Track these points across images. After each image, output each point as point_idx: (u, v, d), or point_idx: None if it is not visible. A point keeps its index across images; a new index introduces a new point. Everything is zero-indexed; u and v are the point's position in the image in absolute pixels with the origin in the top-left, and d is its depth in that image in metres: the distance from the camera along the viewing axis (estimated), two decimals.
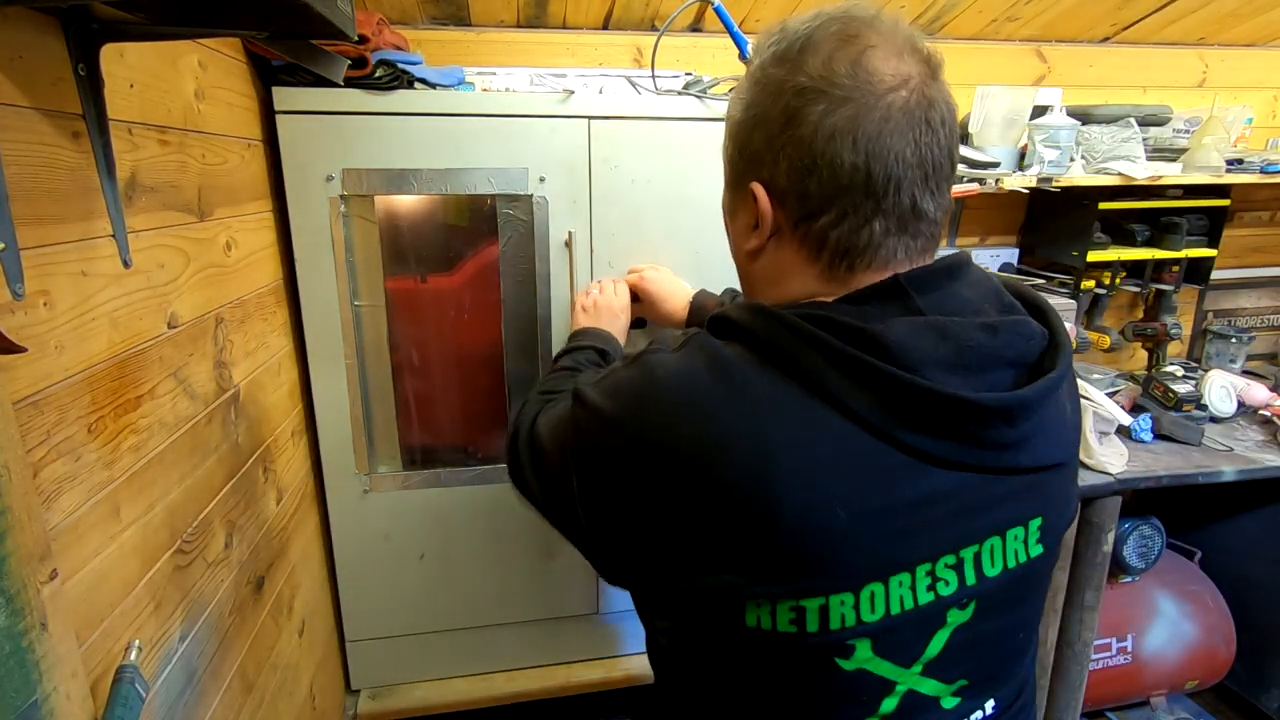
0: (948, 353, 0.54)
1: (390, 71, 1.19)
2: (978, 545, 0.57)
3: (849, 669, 0.56)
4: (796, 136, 0.56)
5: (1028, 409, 0.55)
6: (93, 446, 0.67)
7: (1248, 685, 2.03)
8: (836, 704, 0.58)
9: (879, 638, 0.56)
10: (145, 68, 0.79)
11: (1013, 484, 0.58)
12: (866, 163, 0.55)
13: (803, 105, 0.56)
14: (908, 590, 0.55)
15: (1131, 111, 1.74)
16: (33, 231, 0.60)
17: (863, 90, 0.54)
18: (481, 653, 1.53)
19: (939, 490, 0.55)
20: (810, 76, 0.56)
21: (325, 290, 1.26)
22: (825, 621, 0.54)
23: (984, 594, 0.58)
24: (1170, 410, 1.77)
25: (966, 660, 0.60)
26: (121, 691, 0.64)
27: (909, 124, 0.55)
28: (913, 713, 0.60)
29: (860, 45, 0.55)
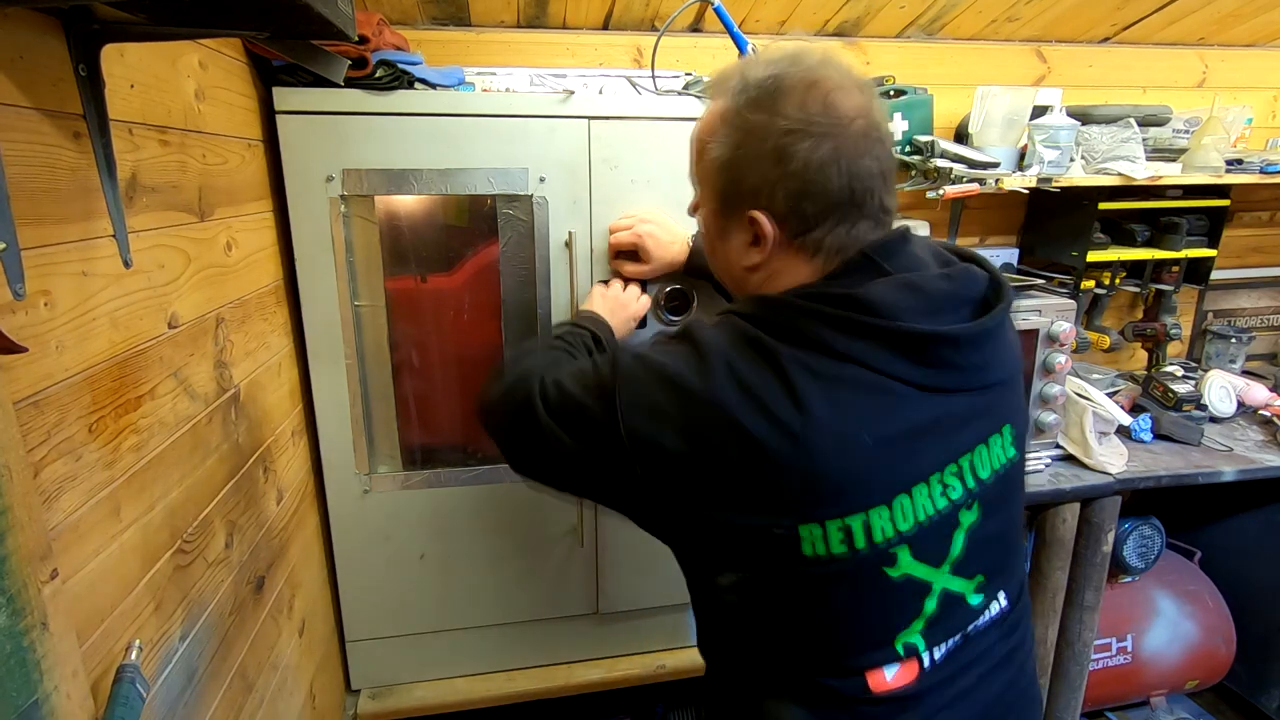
0: (918, 301, 0.67)
1: (390, 72, 1.19)
2: (970, 453, 0.70)
3: (896, 577, 0.67)
4: (790, 170, 0.68)
5: (988, 335, 0.70)
6: (93, 446, 0.67)
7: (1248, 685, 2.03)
8: (892, 610, 0.69)
9: (915, 544, 0.67)
10: (146, 68, 0.79)
11: (984, 398, 0.71)
12: (849, 183, 0.68)
13: (791, 144, 0.67)
14: (927, 499, 0.67)
15: (1131, 111, 1.74)
16: (33, 231, 0.60)
17: (837, 126, 0.67)
18: (481, 653, 1.53)
19: (935, 410, 0.67)
20: (791, 119, 0.67)
21: (325, 290, 1.26)
22: (870, 536, 0.65)
23: (984, 495, 0.71)
24: (1170, 410, 1.77)
25: (981, 558, 0.72)
26: (122, 691, 0.64)
27: (869, 145, 0.68)
28: (949, 610, 0.71)
29: (825, 88, 0.68)
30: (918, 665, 0.70)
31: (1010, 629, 0.76)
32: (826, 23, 1.75)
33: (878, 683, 0.69)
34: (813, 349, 0.65)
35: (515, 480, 1.42)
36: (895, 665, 0.69)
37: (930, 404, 0.67)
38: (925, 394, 0.67)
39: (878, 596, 0.68)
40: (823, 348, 0.65)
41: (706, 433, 0.65)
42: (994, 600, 0.74)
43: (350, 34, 0.70)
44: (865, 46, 1.84)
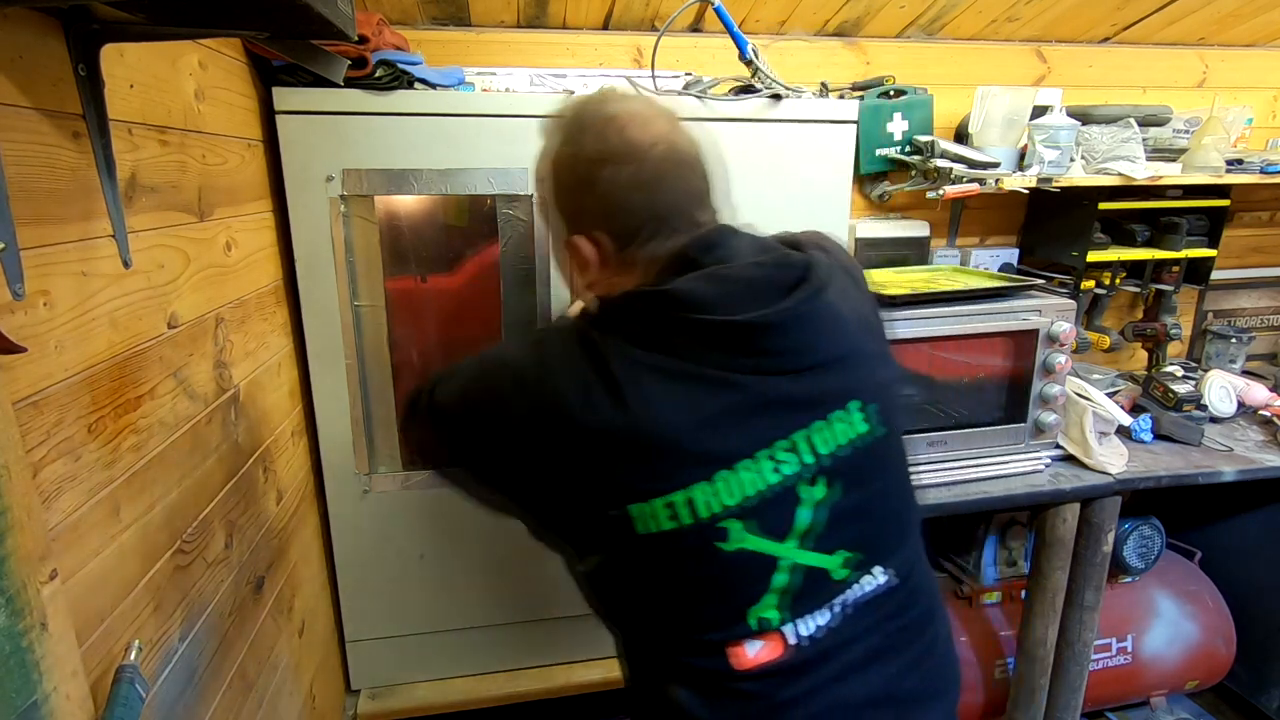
0: (725, 290, 0.71)
1: (390, 72, 1.19)
2: (806, 430, 0.73)
3: (730, 550, 0.71)
4: (597, 194, 0.76)
5: (800, 318, 0.72)
6: (93, 446, 0.67)
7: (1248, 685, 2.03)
8: (736, 584, 0.72)
9: (744, 517, 0.71)
10: (145, 68, 0.79)
11: (817, 377, 0.74)
12: (652, 203, 0.75)
13: (594, 172, 0.75)
14: (754, 474, 0.71)
15: (1131, 111, 1.74)
16: (33, 231, 0.60)
17: (632, 154, 0.74)
18: (481, 653, 1.53)
19: (755, 392, 0.71)
20: (593, 151, 0.75)
21: (325, 290, 1.26)
22: (694, 511, 0.70)
23: (829, 470, 0.73)
24: (1170, 410, 1.77)
25: (842, 533, 0.74)
26: (121, 691, 0.64)
27: (670, 167, 0.76)
28: (806, 584, 0.73)
29: (621, 121, 0.75)
30: (781, 641, 0.73)
31: (903, 605, 0.77)
32: (826, 23, 1.75)
33: (740, 660, 0.72)
34: (631, 342, 0.72)
35: None
36: (757, 642, 0.72)
37: (749, 386, 0.71)
38: (743, 377, 0.71)
39: (717, 571, 0.72)
40: (639, 340, 0.72)
41: (539, 422, 0.73)
42: (868, 575, 0.75)
43: (350, 34, 0.70)
44: (865, 46, 1.84)
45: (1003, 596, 1.85)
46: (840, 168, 1.38)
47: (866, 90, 1.76)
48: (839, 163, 1.38)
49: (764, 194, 1.35)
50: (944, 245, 2.00)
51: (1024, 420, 1.57)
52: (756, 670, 0.72)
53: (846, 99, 1.51)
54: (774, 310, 0.71)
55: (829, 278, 0.76)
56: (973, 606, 1.84)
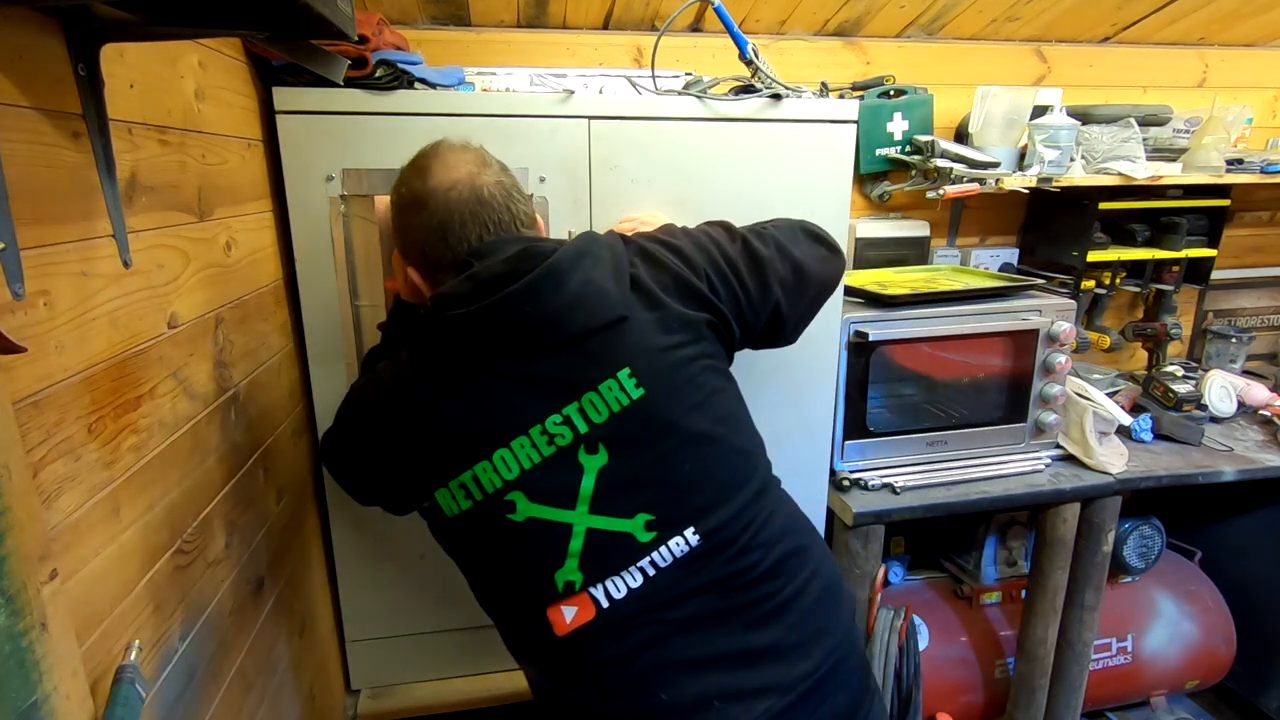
0: (472, 286, 0.79)
1: (390, 71, 1.19)
2: (577, 402, 0.78)
3: (520, 520, 0.78)
4: (411, 236, 0.87)
5: (531, 293, 0.77)
6: (93, 446, 0.67)
7: (1248, 685, 2.03)
8: (535, 551, 0.79)
9: (527, 489, 0.78)
10: (145, 68, 0.79)
11: (580, 351, 0.79)
12: (444, 238, 0.84)
13: (402, 212, 0.88)
14: (530, 448, 0.78)
15: (1131, 111, 1.74)
16: (33, 231, 0.60)
17: (431, 197, 0.84)
18: (481, 653, 1.53)
19: (520, 373, 0.79)
20: (403, 195, 0.87)
21: (325, 290, 1.26)
22: (481, 487, 0.79)
23: (606, 438, 0.78)
24: (1170, 410, 1.77)
25: (637, 495, 0.79)
26: (121, 691, 0.64)
27: (464, 204, 0.84)
28: (605, 547, 0.78)
29: (426, 171, 0.85)
30: (591, 603, 0.78)
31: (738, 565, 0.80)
32: (826, 23, 1.75)
33: (560, 624, 0.79)
34: (422, 351, 0.83)
35: None
36: (570, 607, 0.79)
37: (512, 368, 0.79)
38: (506, 360, 0.79)
39: (515, 540, 0.79)
40: (425, 348, 0.83)
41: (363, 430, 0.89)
42: (677, 538, 0.79)
43: (350, 34, 0.70)
44: (865, 46, 1.84)
45: (1003, 596, 1.85)
46: (840, 167, 1.38)
47: (866, 90, 1.76)
48: (839, 162, 1.37)
49: (763, 194, 1.35)
50: (944, 245, 2.00)
51: (1024, 420, 1.57)
52: (575, 633, 0.79)
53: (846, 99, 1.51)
54: (510, 291, 0.77)
55: (577, 255, 0.81)
56: (973, 606, 1.84)
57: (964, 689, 1.78)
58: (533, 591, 0.81)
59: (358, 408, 0.91)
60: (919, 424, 1.57)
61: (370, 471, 0.91)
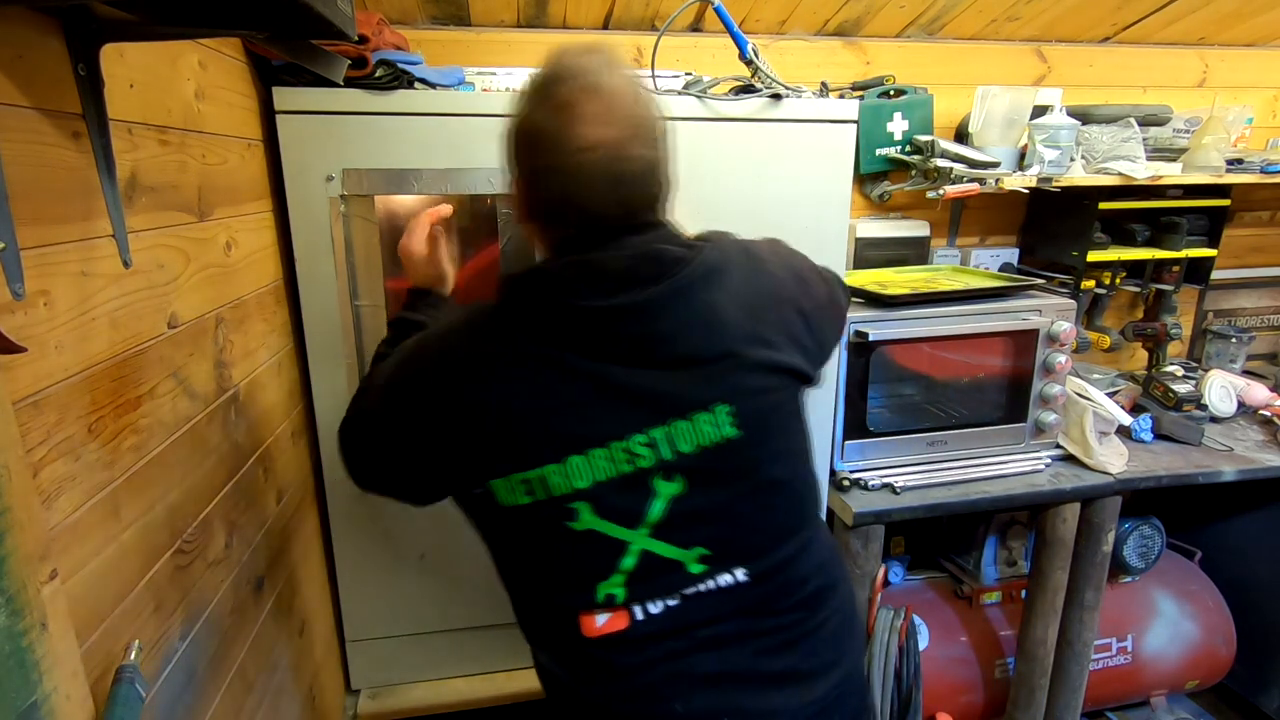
0: (591, 277, 0.72)
1: (390, 71, 1.19)
2: (666, 426, 0.74)
3: (580, 529, 0.75)
4: (528, 165, 0.76)
5: (652, 309, 0.72)
6: (93, 446, 0.67)
7: (1248, 685, 2.03)
8: (586, 560, 0.77)
9: (595, 501, 0.74)
10: (145, 68, 0.79)
11: (682, 376, 0.74)
12: (561, 198, 0.74)
13: (519, 145, 0.76)
14: (606, 461, 0.73)
15: (1131, 111, 1.74)
16: (33, 231, 0.60)
17: (563, 149, 0.72)
18: (481, 653, 1.53)
19: (618, 382, 0.72)
20: (527, 126, 0.75)
21: (325, 290, 1.26)
22: (548, 489, 0.74)
23: (687, 469, 0.74)
24: (1170, 410, 1.77)
25: (700, 529, 0.76)
26: (121, 691, 0.64)
27: (597, 175, 0.72)
28: (655, 571, 0.76)
29: (570, 114, 0.71)
30: (627, 616, 0.77)
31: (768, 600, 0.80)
32: (826, 22, 1.75)
33: (589, 628, 0.78)
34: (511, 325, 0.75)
35: None
36: (605, 614, 0.78)
37: (611, 374, 0.73)
38: (606, 365, 0.73)
39: (568, 546, 0.76)
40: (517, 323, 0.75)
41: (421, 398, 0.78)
42: (725, 574, 0.78)
43: (350, 33, 0.70)
44: (865, 46, 1.84)
45: (1003, 596, 1.85)
46: (840, 167, 1.38)
47: (866, 90, 1.76)
48: (839, 162, 1.37)
49: (764, 194, 1.35)
50: (944, 245, 2.00)
51: (1024, 420, 1.57)
52: (603, 638, 0.78)
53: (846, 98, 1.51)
54: (629, 299, 0.72)
55: (708, 274, 0.75)
56: (973, 606, 1.84)
57: (964, 689, 1.78)
58: (571, 595, 0.79)
59: (420, 372, 0.80)
60: (919, 424, 1.57)
61: (413, 449, 0.81)
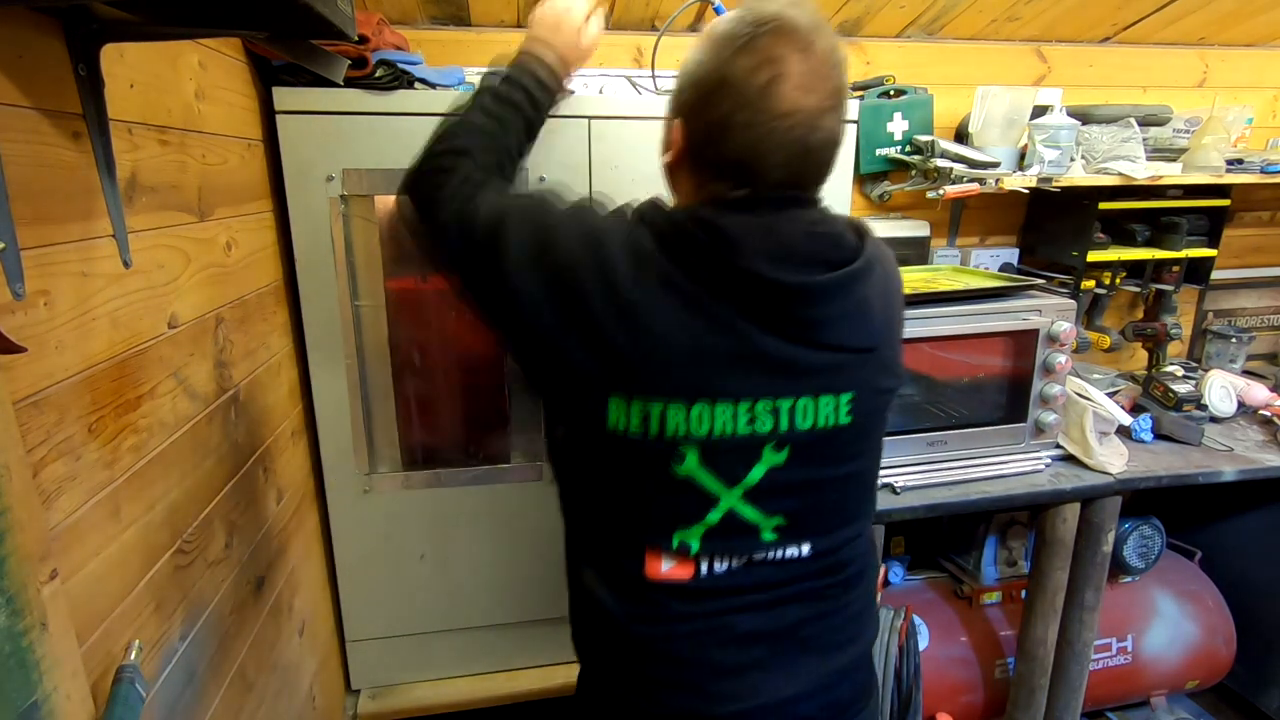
0: (768, 243, 0.71)
1: (390, 71, 1.19)
2: (793, 399, 0.74)
3: (680, 474, 0.75)
4: (707, 116, 0.73)
5: (825, 293, 0.73)
6: (93, 446, 0.67)
7: (1248, 685, 2.03)
8: (674, 505, 0.77)
9: (704, 451, 0.74)
10: (145, 68, 0.79)
11: (824, 358, 0.75)
12: (742, 159, 0.72)
13: (702, 94, 0.73)
14: (729, 418, 0.73)
15: (1131, 111, 1.74)
16: (33, 231, 0.60)
17: (760, 109, 0.70)
18: (481, 653, 1.53)
19: (762, 347, 0.72)
20: (720, 76, 0.71)
21: (325, 290, 1.26)
22: (663, 427, 0.73)
23: (797, 443, 0.75)
24: (1170, 410, 1.77)
25: (785, 500, 0.78)
26: (122, 691, 0.64)
27: (787, 143, 0.71)
28: (734, 531, 0.77)
29: (775, 70, 0.69)
30: (693, 568, 0.79)
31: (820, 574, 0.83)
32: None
33: (653, 569, 0.79)
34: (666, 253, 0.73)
35: (516, 480, 1.43)
36: (672, 561, 0.79)
37: (760, 340, 0.72)
38: (754, 328, 0.72)
39: (661, 488, 0.76)
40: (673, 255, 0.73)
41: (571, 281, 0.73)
42: (793, 547, 0.80)
43: (350, 34, 0.70)
44: (865, 46, 1.84)
45: (1003, 596, 1.85)
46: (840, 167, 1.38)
47: (866, 90, 1.76)
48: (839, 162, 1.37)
49: None
50: (944, 245, 2.00)
51: (1024, 420, 1.57)
52: (662, 582, 0.79)
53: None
54: (806, 280, 0.72)
55: (871, 272, 0.77)
56: (973, 606, 1.84)
57: (964, 689, 1.78)
58: (645, 534, 0.79)
59: (598, 236, 0.75)
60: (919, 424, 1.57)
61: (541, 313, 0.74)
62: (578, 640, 0.91)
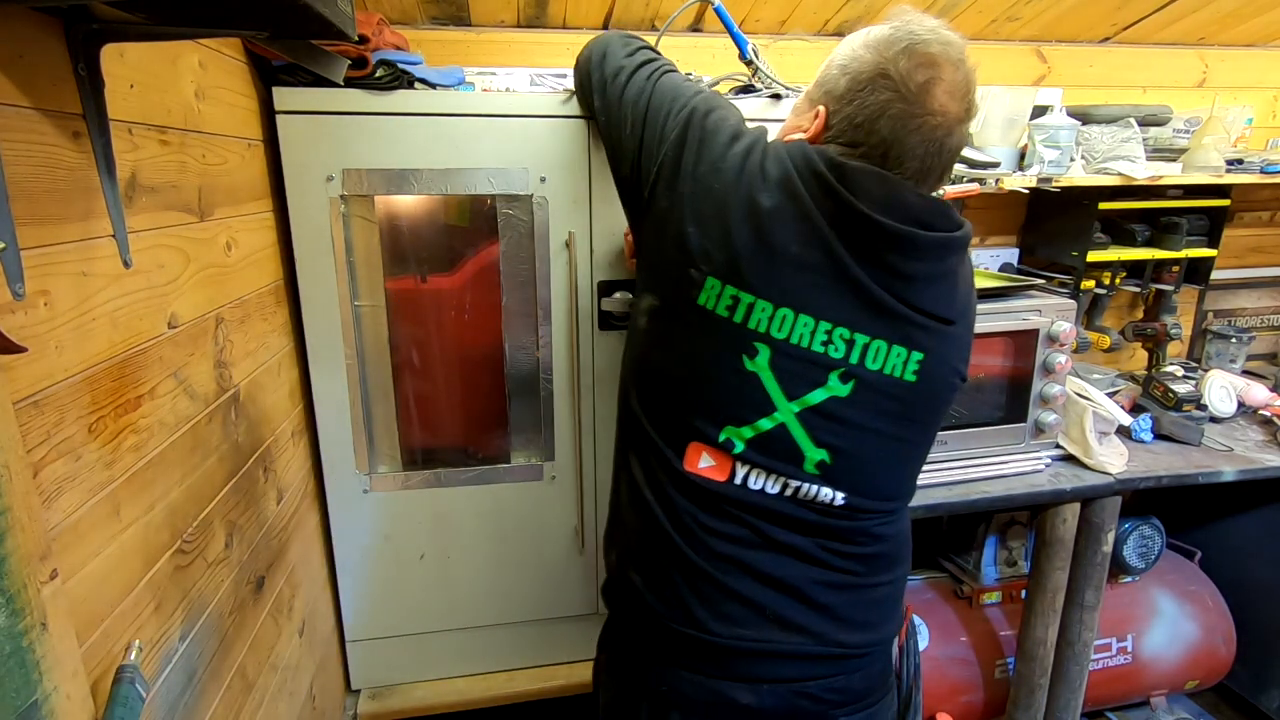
0: (881, 190, 0.79)
1: (390, 71, 1.19)
2: (869, 338, 0.80)
3: (748, 368, 0.80)
4: (862, 101, 0.80)
5: (922, 248, 0.80)
6: (93, 446, 0.67)
7: (1248, 685, 2.03)
8: (732, 395, 0.81)
9: (776, 354, 0.79)
10: (145, 68, 0.79)
11: (905, 311, 0.80)
12: (886, 143, 0.79)
13: (875, 84, 0.79)
14: (808, 332, 0.79)
15: (1131, 111, 1.74)
16: (33, 231, 0.60)
17: (915, 103, 0.78)
18: (481, 653, 1.53)
19: (855, 278, 0.79)
20: (896, 70, 0.78)
21: (325, 290, 1.26)
22: (747, 317, 0.79)
23: (862, 380, 0.81)
24: (1170, 410, 1.77)
25: (835, 435, 0.82)
26: (122, 691, 0.64)
27: (929, 141, 0.79)
28: (780, 448, 0.81)
29: (932, 73, 0.78)
30: (729, 469, 0.82)
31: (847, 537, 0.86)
32: (826, 22, 1.75)
33: (691, 462, 0.83)
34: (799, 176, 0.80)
35: (516, 480, 1.43)
36: (713, 457, 0.82)
37: (856, 272, 0.79)
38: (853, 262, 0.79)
39: (728, 375, 0.81)
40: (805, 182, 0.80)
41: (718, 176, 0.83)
42: (828, 489, 0.83)
43: (350, 34, 0.70)
44: None
45: (1003, 596, 1.85)
46: None
47: None
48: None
49: None
50: None
51: (1024, 420, 1.57)
52: (696, 478, 0.83)
53: None
54: (909, 231, 0.78)
55: (963, 247, 0.84)
56: (973, 606, 1.84)
57: (964, 689, 1.78)
58: (696, 421, 0.82)
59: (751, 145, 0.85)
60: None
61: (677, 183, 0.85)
62: (610, 537, 0.95)
